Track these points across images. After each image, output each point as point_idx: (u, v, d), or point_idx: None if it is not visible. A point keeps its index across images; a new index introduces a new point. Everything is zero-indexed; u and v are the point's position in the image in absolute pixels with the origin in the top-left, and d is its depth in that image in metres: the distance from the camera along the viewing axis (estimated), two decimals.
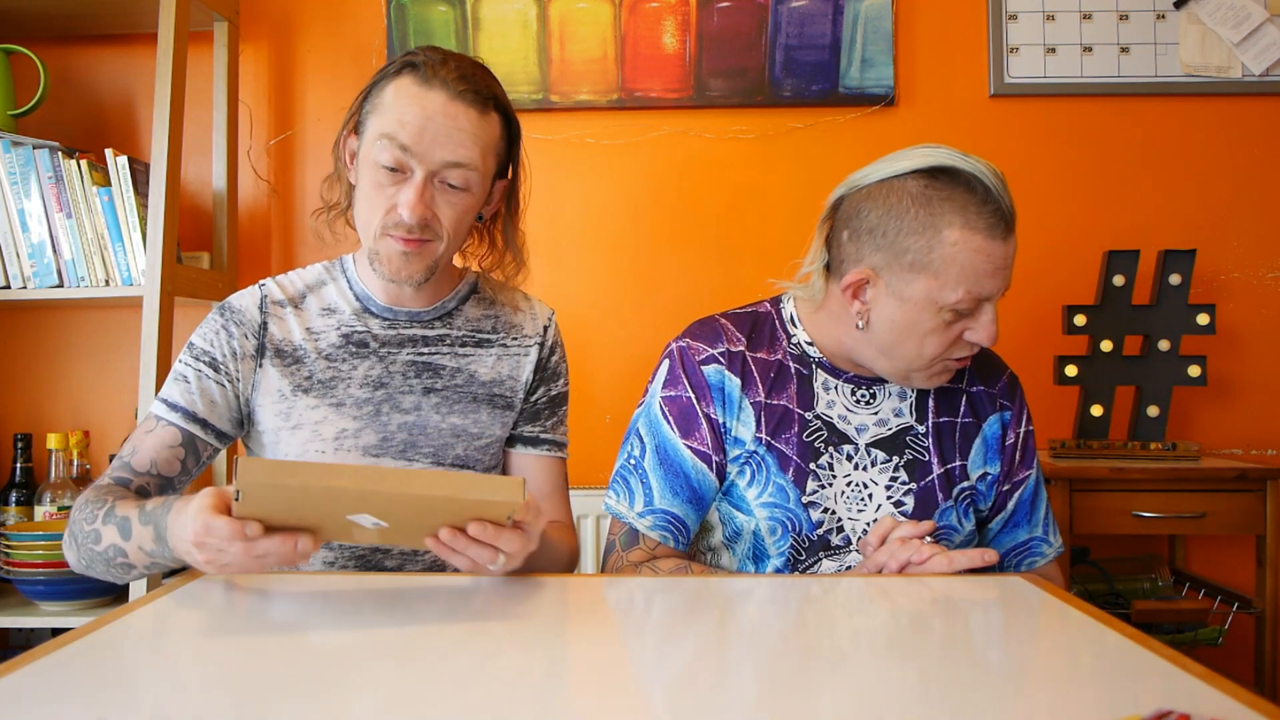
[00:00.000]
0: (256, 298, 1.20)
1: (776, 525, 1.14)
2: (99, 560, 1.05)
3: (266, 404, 1.17)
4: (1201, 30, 2.00)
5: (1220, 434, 2.02)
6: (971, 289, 1.06)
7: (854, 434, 1.17)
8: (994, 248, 1.05)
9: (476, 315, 1.25)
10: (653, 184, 2.03)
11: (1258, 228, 2.02)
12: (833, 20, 2.00)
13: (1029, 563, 1.22)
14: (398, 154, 1.09)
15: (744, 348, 1.19)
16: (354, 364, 1.18)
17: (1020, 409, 1.23)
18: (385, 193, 1.11)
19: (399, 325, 1.21)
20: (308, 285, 1.23)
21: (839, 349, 1.18)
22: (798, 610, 0.90)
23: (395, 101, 1.10)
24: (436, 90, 1.10)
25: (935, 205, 1.05)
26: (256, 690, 0.67)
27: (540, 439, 1.27)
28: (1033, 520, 1.23)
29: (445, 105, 1.10)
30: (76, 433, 1.87)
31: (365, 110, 1.15)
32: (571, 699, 0.67)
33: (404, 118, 1.09)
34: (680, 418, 1.17)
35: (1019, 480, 1.21)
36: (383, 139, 1.09)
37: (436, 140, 1.09)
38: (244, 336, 1.17)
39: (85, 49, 2.05)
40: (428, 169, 1.10)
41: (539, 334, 1.27)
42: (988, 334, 1.09)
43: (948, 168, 1.06)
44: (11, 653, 1.90)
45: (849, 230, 1.12)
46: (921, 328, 1.09)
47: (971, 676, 0.70)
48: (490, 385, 1.22)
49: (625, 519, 1.18)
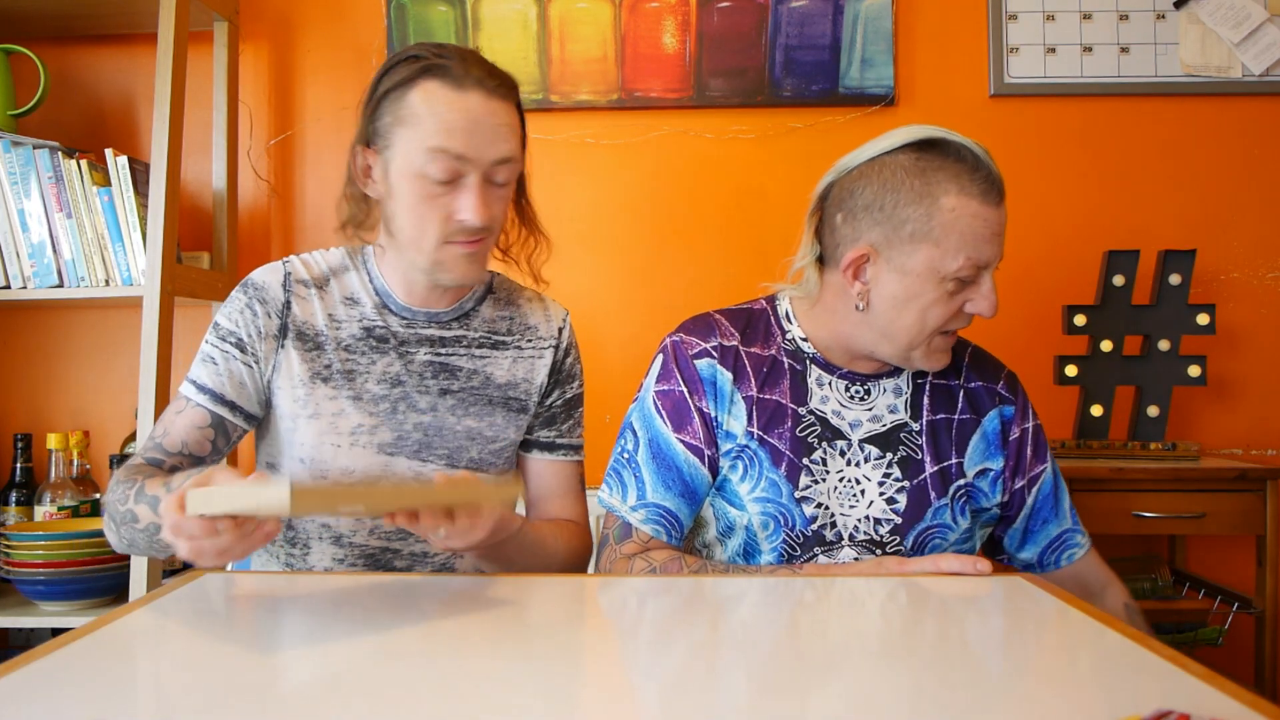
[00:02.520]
0: (280, 275, 1.17)
1: (769, 520, 1.14)
2: (141, 538, 1.04)
3: (285, 387, 1.15)
4: (1201, 30, 2.00)
5: (1220, 434, 2.02)
6: (971, 255, 1.07)
7: (848, 430, 1.17)
8: (989, 212, 1.08)
9: (492, 316, 1.24)
10: (653, 184, 2.03)
11: (1258, 228, 2.02)
12: (833, 20, 2.00)
13: (1068, 555, 1.22)
14: (452, 164, 1.07)
15: (738, 342, 1.19)
16: (373, 358, 1.17)
17: (1024, 405, 1.23)
18: (439, 202, 1.09)
19: (417, 325, 1.19)
20: (331, 269, 1.20)
21: (836, 342, 1.18)
22: (794, 611, 0.90)
23: (432, 110, 1.07)
24: (472, 91, 1.08)
25: (929, 175, 1.08)
26: (256, 690, 0.67)
27: (557, 444, 1.26)
28: (1059, 514, 1.23)
29: (484, 104, 1.08)
30: (76, 433, 1.87)
31: (384, 122, 1.10)
32: (568, 699, 0.67)
33: (450, 126, 1.06)
34: (673, 411, 1.17)
35: (1035, 475, 1.21)
36: (433, 152, 1.06)
37: (485, 141, 1.08)
38: (268, 315, 1.15)
39: (85, 49, 2.05)
40: (481, 171, 1.09)
41: (554, 336, 1.26)
42: (989, 303, 1.11)
43: (935, 140, 1.09)
44: (11, 653, 1.90)
45: (843, 212, 1.13)
46: (924, 299, 1.09)
47: (971, 676, 0.70)
48: (505, 388, 1.22)
49: (618, 512, 1.18)
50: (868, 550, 1.14)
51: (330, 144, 2.06)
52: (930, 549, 1.16)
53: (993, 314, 1.11)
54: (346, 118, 2.03)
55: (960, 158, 1.08)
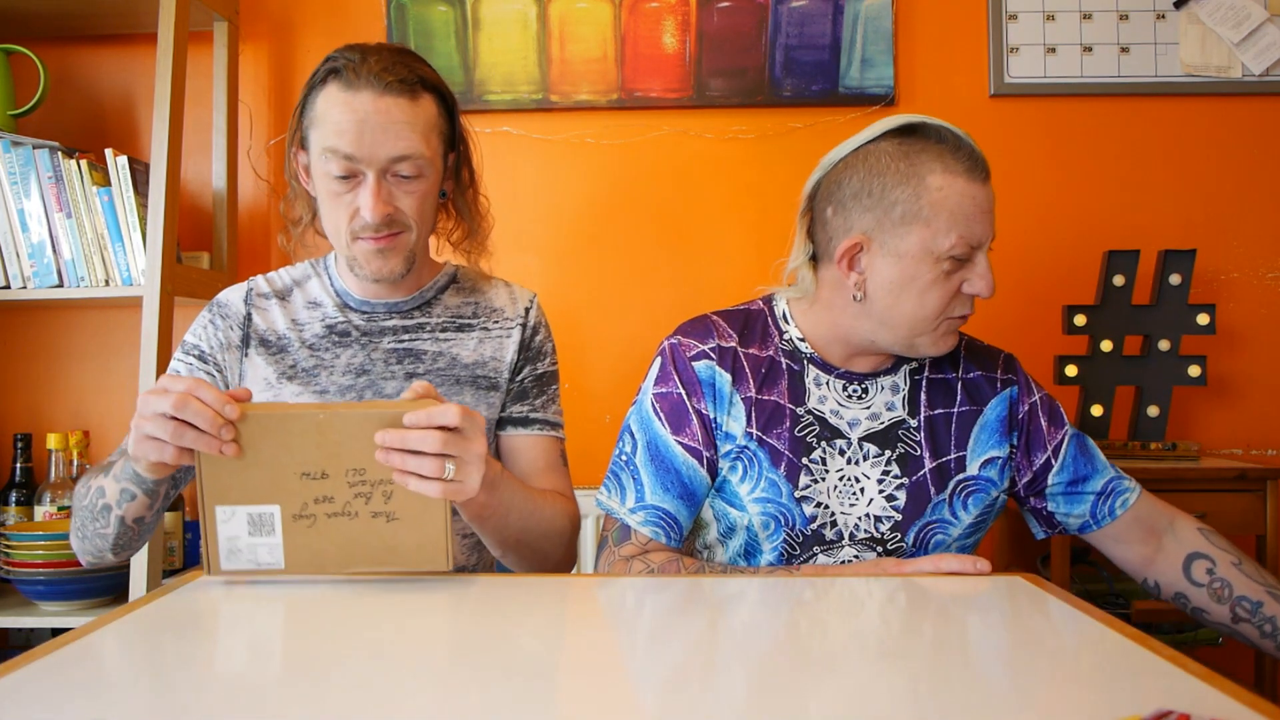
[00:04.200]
0: (243, 292, 1.27)
1: (769, 520, 1.14)
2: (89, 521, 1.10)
3: (254, 392, 1.18)
4: (1201, 30, 2.00)
5: (1220, 434, 2.02)
6: (963, 233, 1.08)
7: (846, 429, 1.17)
8: (976, 189, 1.09)
9: (455, 303, 1.27)
10: (653, 184, 2.03)
11: (1258, 228, 2.02)
12: (833, 20, 2.00)
13: (1121, 502, 1.19)
14: (344, 162, 1.12)
15: (735, 343, 1.19)
16: (336, 352, 1.22)
17: (1025, 381, 1.23)
18: (344, 200, 1.15)
19: (378, 318, 1.24)
20: (294, 280, 1.28)
21: (834, 339, 1.18)
22: (793, 611, 0.90)
23: (328, 112, 1.13)
24: (363, 90, 1.12)
25: (913, 156, 1.09)
26: (256, 690, 0.67)
27: (530, 418, 1.26)
28: (1098, 467, 1.21)
29: (375, 103, 1.12)
30: (76, 433, 1.88)
31: (305, 124, 1.17)
32: (562, 699, 0.67)
33: (339, 126, 1.11)
34: (671, 414, 1.17)
35: (1058, 441, 1.20)
36: (325, 153, 1.13)
37: (376, 140, 1.12)
38: (229, 328, 1.24)
39: (85, 49, 2.05)
40: (377, 168, 1.13)
41: (520, 316, 1.28)
42: (985, 283, 1.11)
43: (915, 124, 1.11)
44: (11, 653, 1.90)
45: (833, 205, 1.14)
46: (920, 282, 1.10)
47: (971, 676, 0.70)
48: (473, 367, 1.24)
49: (617, 515, 1.18)
50: (868, 548, 1.14)
51: None
52: (933, 545, 1.16)
53: (990, 293, 1.11)
54: None
55: (941, 138, 1.10)
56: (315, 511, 0.93)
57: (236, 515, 0.93)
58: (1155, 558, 1.20)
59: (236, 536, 0.93)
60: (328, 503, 0.93)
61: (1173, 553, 1.19)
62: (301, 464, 0.92)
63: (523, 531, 1.13)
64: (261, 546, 0.93)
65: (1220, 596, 1.14)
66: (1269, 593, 1.12)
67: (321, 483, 0.92)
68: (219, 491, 0.92)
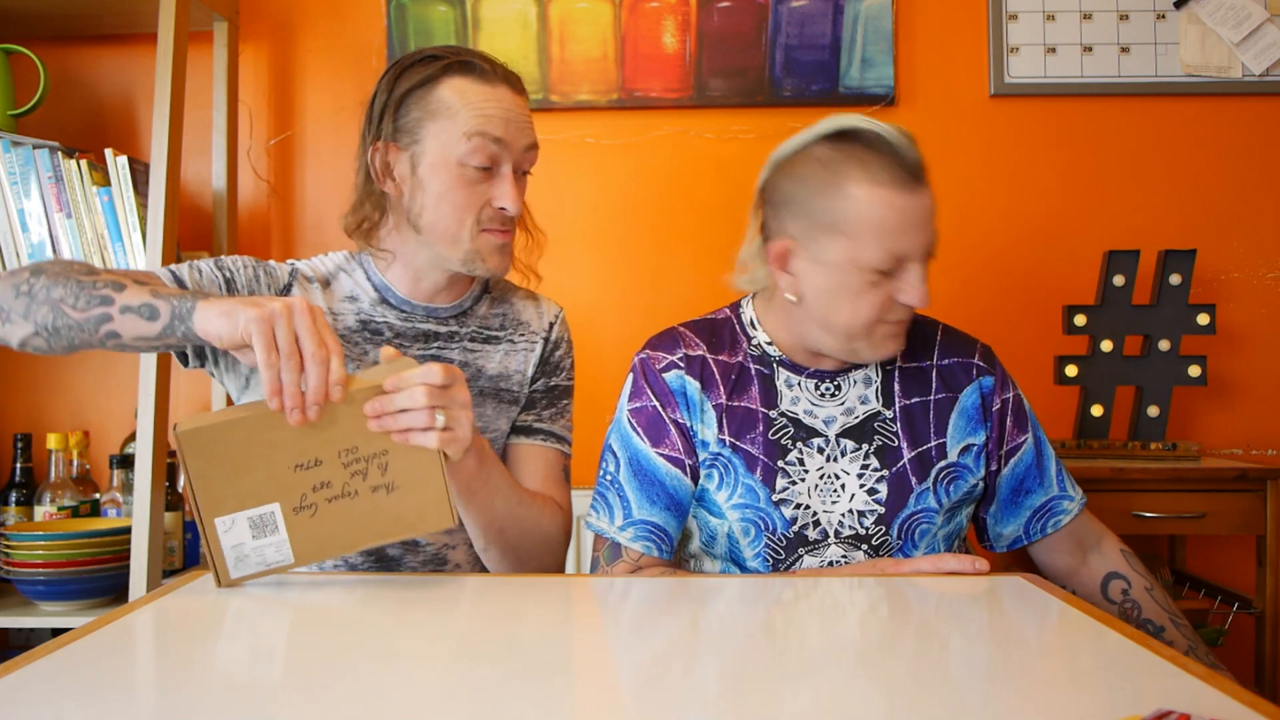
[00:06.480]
0: (288, 268, 1.21)
1: (749, 526, 1.14)
2: (68, 295, 0.98)
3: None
4: (1201, 30, 2.00)
5: (1220, 434, 2.02)
6: (889, 247, 1.06)
7: (822, 427, 1.16)
8: (902, 200, 1.05)
9: (487, 313, 1.26)
10: (653, 184, 2.03)
11: (1258, 228, 2.02)
12: (833, 20, 2.00)
13: (1054, 522, 1.21)
14: (492, 149, 1.12)
15: (704, 351, 1.19)
16: (365, 349, 1.19)
17: (1002, 376, 1.22)
18: (476, 189, 1.14)
19: (415, 319, 1.21)
20: (329, 273, 1.24)
21: (796, 341, 1.18)
22: (792, 611, 0.90)
23: (467, 101, 1.12)
24: (500, 86, 1.14)
25: (837, 165, 1.07)
26: (256, 690, 0.67)
27: (534, 428, 1.26)
28: (1044, 482, 1.22)
29: (513, 98, 1.16)
30: (76, 433, 1.87)
31: (411, 118, 1.13)
32: (562, 699, 0.67)
33: (487, 114, 1.12)
34: (649, 427, 1.17)
35: (1015, 447, 1.20)
36: (475, 138, 1.11)
37: (519, 131, 1.15)
38: (268, 288, 1.17)
39: (85, 49, 2.05)
40: (514, 160, 1.15)
41: (544, 330, 1.28)
42: (917, 294, 1.08)
43: (850, 129, 1.09)
44: (11, 653, 1.90)
45: (769, 206, 1.15)
46: (848, 290, 1.08)
47: (970, 676, 0.70)
48: (496, 380, 1.23)
49: (606, 534, 1.18)
50: (853, 546, 1.14)
51: (330, 144, 2.06)
52: (918, 535, 1.15)
53: (923, 304, 1.09)
54: (346, 118, 2.03)
55: (870, 145, 1.07)
56: (315, 500, 0.92)
57: (237, 522, 0.92)
58: (1079, 570, 1.23)
59: (241, 543, 0.93)
60: (326, 488, 0.93)
61: (1095, 568, 1.22)
62: (292, 456, 0.91)
63: (508, 520, 1.12)
64: (268, 546, 0.93)
65: (1129, 616, 1.18)
66: (1172, 620, 1.16)
67: (316, 470, 0.92)
68: (214, 504, 0.92)
